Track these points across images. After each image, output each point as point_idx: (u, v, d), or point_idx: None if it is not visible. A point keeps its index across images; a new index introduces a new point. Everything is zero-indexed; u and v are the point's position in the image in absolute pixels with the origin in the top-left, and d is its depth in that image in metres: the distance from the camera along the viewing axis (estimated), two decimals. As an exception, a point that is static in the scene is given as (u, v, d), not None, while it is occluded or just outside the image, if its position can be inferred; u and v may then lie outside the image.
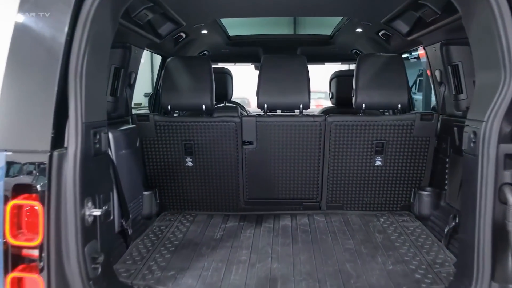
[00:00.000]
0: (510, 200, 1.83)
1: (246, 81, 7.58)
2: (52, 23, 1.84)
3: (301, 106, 3.38)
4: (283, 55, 3.73)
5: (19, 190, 1.80)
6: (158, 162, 3.52)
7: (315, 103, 11.54)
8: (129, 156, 3.03)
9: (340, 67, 5.77)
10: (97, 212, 1.93)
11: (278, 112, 4.40)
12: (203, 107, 3.39)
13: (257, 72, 3.49)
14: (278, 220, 3.42)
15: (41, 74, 1.83)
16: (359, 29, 4.08)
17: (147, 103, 5.03)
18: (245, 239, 3.03)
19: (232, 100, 5.25)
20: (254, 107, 3.68)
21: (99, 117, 2.03)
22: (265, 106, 3.40)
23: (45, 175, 1.77)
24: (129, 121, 3.41)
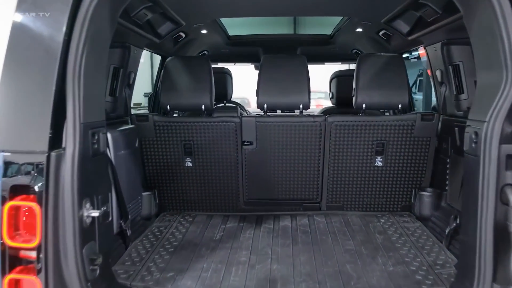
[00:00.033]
0: None
1: (246, 81, 7.57)
2: (50, 23, 1.82)
3: (301, 106, 3.37)
4: (283, 55, 3.72)
5: (17, 191, 1.78)
6: (157, 163, 3.50)
7: (315, 103, 11.53)
8: (128, 157, 3.02)
9: (340, 67, 5.75)
10: (95, 213, 1.91)
11: (278, 112, 4.39)
12: (203, 107, 3.38)
13: (257, 72, 3.48)
14: (278, 221, 3.40)
15: (39, 74, 1.81)
16: (359, 29, 4.06)
17: (147, 103, 5.01)
18: (245, 240, 3.01)
19: (232, 100, 5.24)
20: (254, 107, 3.67)
21: (98, 117, 2.01)
22: (265, 106, 3.39)
23: (43, 176, 1.76)
24: (128, 121, 3.39)
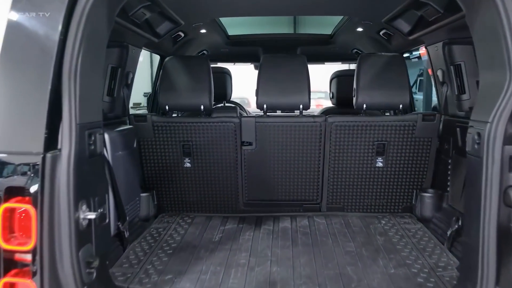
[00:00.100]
0: None
1: (246, 81, 7.54)
2: (46, 22, 1.80)
3: (301, 107, 3.34)
4: (283, 55, 3.70)
5: (12, 193, 1.76)
6: (156, 163, 3.47)
7: (315, 103, 11.53)
8: (126, 158, 2.98)
9: (340, 67, 5.73)
10: (92, 215, 1.88)
11: (278, 113, 4.36)
12: (202, 107, 3.35)
13: (257, 72, 3.45)
14: (278, 222, 3.38)
15: (34, 73, 1.79)
16: (360, 29, 4.03)
17: (146, 103, 4.99)
18: (244, 242, 2.98)
19: (232, 100, 5.21)
20: (254, 107, 3.65)
21: (94, 118, 1.98)
22: (265, 107, 3.36)
23: (38, 178, 1.73)
24: (127, 122, 3.36)
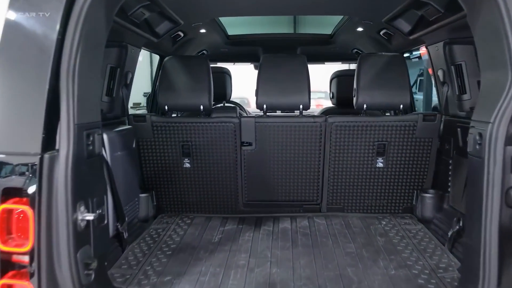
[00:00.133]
0: None
1: (246, 81, 7.52)
2: (44, 21, 1.79)
3: (301, 107, 3.32)
4: (283, 55, 3.67)
5: (9, 194, 1.75)
6: (155, 164, 3.45)
7: (315, 103, 11.51)
8: (125, 158, 2.97)
9: (340, 67, 5.71)
10: (90, 217, 1.86)
11: (278, 113, 4.34)
12: (201, 108, 3.33)
13: (257, 72, 3.43)
14: (278, 223, 3.36)
15: (32, 73, 1.77)
16: (360, 28, 4.02)
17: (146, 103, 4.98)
18: (244, 243, 2.96)
19: (231, 100, 5.19)
20: (254, 107, 3.63)
21: (93, 118, 1.96)
22: (264, 107, 3.34)
23: (36, 179, 1.71)
24: (126, 122, 3.35)
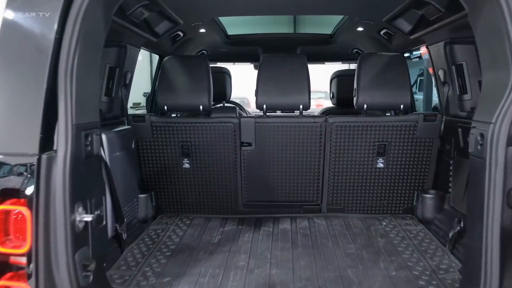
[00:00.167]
0: None
1: (246, 81, 7.51)
2: (42, 20, 1.77)
3: (301, 107, 3.31)
4: (283, 54, 3.66)
5: (7, 195, 1.73)
6: (154, 164, 3.44)
7: (315, 103, 11.50)
8: (124, 158, 2.95)
9: (340, 67, 5.70)
10: (88, 218, 1.85)
11: (278, 113, 4.33)
12: (201, 108, 3.32)
13: (256, 72, 3.41)
14: (278, 224, 3.34)
15: (30, 72, 1.76)
16: (360, 28, 4.00)
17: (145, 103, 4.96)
18: (244, 244, 2.95)
19: (231, 100, 5.18)
20: (254, 107, 3.62)
21: (91, 118, 1.95)
22: (264, 107, 3.33)
23: (33, 179, 1.70)
24: (125, 122, 3.34)
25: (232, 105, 5.04)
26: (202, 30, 4.02)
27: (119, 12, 2.57)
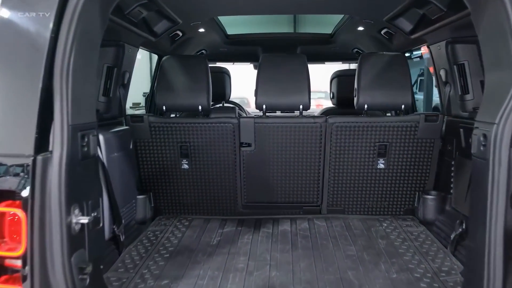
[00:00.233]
0: None
1: (246, 81, 7.48)
2: (37, 19, 1.74)
3: (301, 107, 3.28)
4: (283, 54, 3.63)
5: (1, 197, 1.69)
6: (153, 165, 3.41)
7: (316, 103, 11.48)
8: (122, 159, 2.92)
9: (340, 67, 5.67)
10: (85, 220, 1.81)
11: (277, 113, 4.30)
12: (200, 108, 3.29)
13: (256, 72, 3.39)
14: (277, 225, 3.32)
15: (25, 72, 1.73)
16: (361, 28, 3.97)
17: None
18: (243, 245, 2.92)
19: (231, 100, 5.15)
20: (254, 108, 3.60)
21: (88, 119, 1.92)
22: (264, 107, 3.30)
23: (28, 181, 1.67)
24: (123, 122, 3.31)
25: (232, 105, 5.01)
26: (201, 30, 4.00)
27: (117, 11, 2.54)
